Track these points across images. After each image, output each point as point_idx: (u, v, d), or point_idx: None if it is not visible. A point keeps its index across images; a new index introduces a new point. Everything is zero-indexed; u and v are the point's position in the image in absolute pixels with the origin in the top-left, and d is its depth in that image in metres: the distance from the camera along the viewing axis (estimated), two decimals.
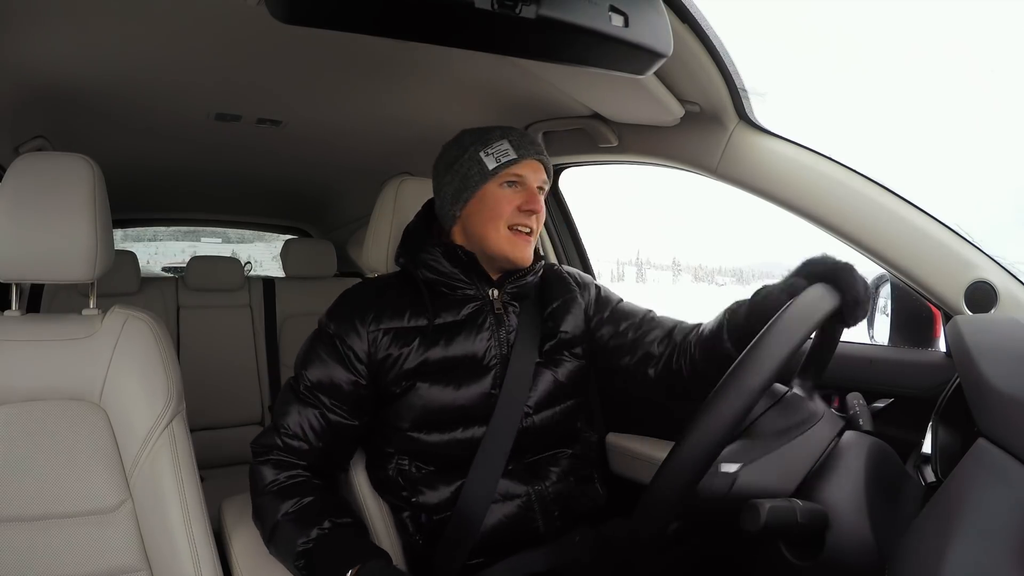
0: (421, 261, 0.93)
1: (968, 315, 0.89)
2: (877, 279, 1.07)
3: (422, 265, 0.93)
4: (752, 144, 1.04)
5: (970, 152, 66.14)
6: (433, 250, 0.93)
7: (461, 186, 0.91)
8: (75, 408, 0.88)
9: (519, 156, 0.90)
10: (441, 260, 0.92)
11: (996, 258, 0.92)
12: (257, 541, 0.96)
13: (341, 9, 0.57)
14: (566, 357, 0.97)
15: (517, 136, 0.92)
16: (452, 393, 0.89)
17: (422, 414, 0.89)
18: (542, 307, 0.99)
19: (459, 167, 0.91)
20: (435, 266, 0.92)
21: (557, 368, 0.96)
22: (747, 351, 0.64)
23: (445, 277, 0.93)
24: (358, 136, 1.54)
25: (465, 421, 0.90)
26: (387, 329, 0.90)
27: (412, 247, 0.96)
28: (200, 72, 1.12)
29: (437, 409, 0.89)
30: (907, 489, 0.68)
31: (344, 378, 0.90)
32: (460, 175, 0.91)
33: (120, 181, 1.44)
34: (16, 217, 0.85)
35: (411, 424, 0.90)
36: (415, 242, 0.96)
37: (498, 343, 0.93)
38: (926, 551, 0.52)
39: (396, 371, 0.89)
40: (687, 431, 0.63)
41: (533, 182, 0.92)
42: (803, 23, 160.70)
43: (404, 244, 0.98)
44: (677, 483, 0.62)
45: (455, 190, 0.92)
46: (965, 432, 0.67)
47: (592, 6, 0.60)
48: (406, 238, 0.99)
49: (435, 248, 0.93)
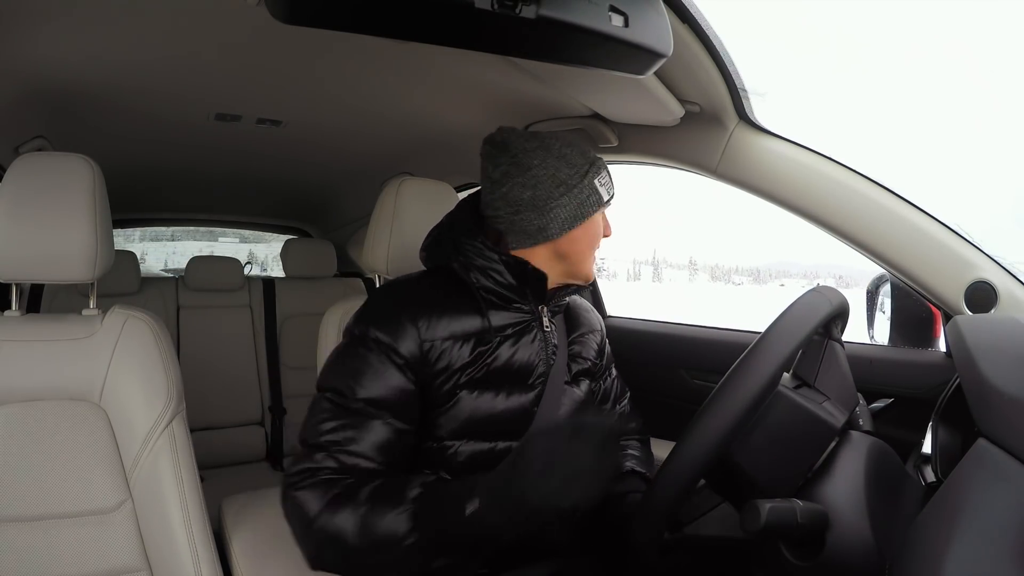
0: (476, 266, 0.87)
1: (968, 315, 0.89)
2: (877, 279, 1.07)
3: (476, 270, 0.87)
4: (752, 144, 1.04)
5: (969, 152, 66.21)
6: (490, 257, 0.87)
7: (578, 212, 0.87)
8: (75, 408, 0.88)
9: (614, 191, 0.92)
10: (504, 273, 0.87)
11: (996, 258, 0.92)
12: (257, 541, 0.96)
13: (341, 9, 0.57)
14: (583, 379, 0.98)
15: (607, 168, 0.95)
16: (501, 402, 0.86)
17: (465, 423, 0.85)
18: (568, 330, 1.00)
19: (578, 192, 0.87)
20: (495, 277, 0.87)
21: (578, 387, 0.96)
22: (748, 351, 0.64)
23: (503, 289, 0.88)
24: (358, 136, 1.54)
25: (503, 434, 0.86)
26: (441, 334, 0.85)
27: (460, 248, 0.89)
28: (200, 72, 1.12)
29: (481, 419, 0.85)
30: (907, 489, 0.68)
31: (402, 385, 0.82)
32: (578, 200, 0.87)
33: (120, 181, 1.45)
34: (16, 217, 0.85)
35: (449, 433, 0.85)
36: (463, 244, 0.89)
37: (543, 359, 0.91)
38: (926, 551, 0.52)
39: (446, 377, 0.84)
40: (686, 433, 0.64)
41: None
42: (803, 23, 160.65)
43: (446, 243, 0.91)
44: (676, 486, 0.62)
45: (570, 214, 0.87)
46: (965, 432, 0.67)
47: (592, 6, 0.60)
48: (446, 236, 0.92)
49: (493, 256, 0.87)
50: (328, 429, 0.79)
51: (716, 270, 15.49)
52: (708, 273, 16.73)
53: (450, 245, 0.90)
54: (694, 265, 16.43)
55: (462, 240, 0.89)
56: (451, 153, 1.56)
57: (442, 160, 1.61)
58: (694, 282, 15.54)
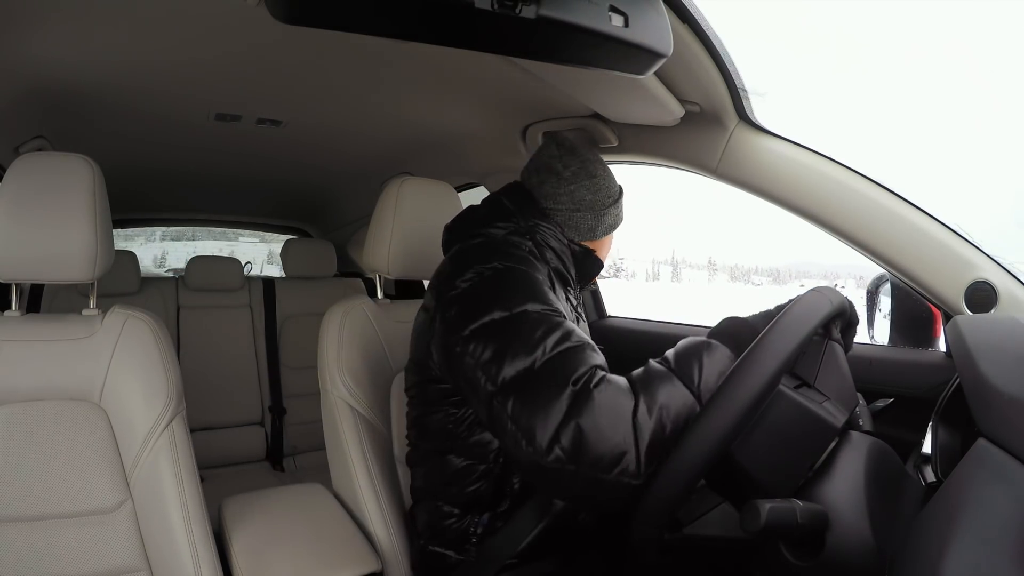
0: (552, 247, 0.96)
1: (968, 315, 0.89)
2: (877, 279, 1.07)
3: (551, 251, 0.95)
4: (752, 144, 1.04)
5: (969, 152, 66.29)
6: (563, 242, 0.96)
7: (614, 222, 1.01)
8: (75, 408, 0.88)
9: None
10: (570, 260, 0.97)
11: (996, 258, 0.92)
12: (257, 541, 0.96)
13: (341, 9, 0.57)
14: None
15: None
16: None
17: None
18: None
19: (617, 207, 1.00)
20: (564, 260, 0.97)
21: None
22: (748, 351, 0.63)
23: (566, 272, 0.97)
24: (358, 136, 1.54)
25: None
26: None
27: (536, 229, 0.95)
28: (200, 72, 1.12)
29: None
30: (907, 489, 0.68)
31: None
32: (616, 212, 1.01)
33: (120, 181, 1.45)
34: (16, 217, 0.85)
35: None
36: (540, 226, 0.95)
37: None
38: (926, 551, 0.52)
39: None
40: (686, 433, 0.63)
41: None
42: (803, 23, 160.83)
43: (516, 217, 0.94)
44: (676, 486, 0.62)
45: (611, 222, 1.00)
46: (965, 432, 0.67)
47: (592, 6, 0.60)
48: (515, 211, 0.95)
49: (565, 242, 0.97)
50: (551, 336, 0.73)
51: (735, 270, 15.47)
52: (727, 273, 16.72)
53: (523, 221, 0.95)
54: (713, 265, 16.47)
55: (538, 223, 0.95)
56: (451, 153, 1.56)
57: (442, 160, 1.61)
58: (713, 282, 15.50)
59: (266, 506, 1.07)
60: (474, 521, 0.89)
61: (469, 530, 0.89)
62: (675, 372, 0.70)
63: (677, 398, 0.67)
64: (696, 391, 0.68)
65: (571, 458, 0.65)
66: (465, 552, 0.89)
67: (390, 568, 1.00)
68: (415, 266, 1.16)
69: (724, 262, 16.83)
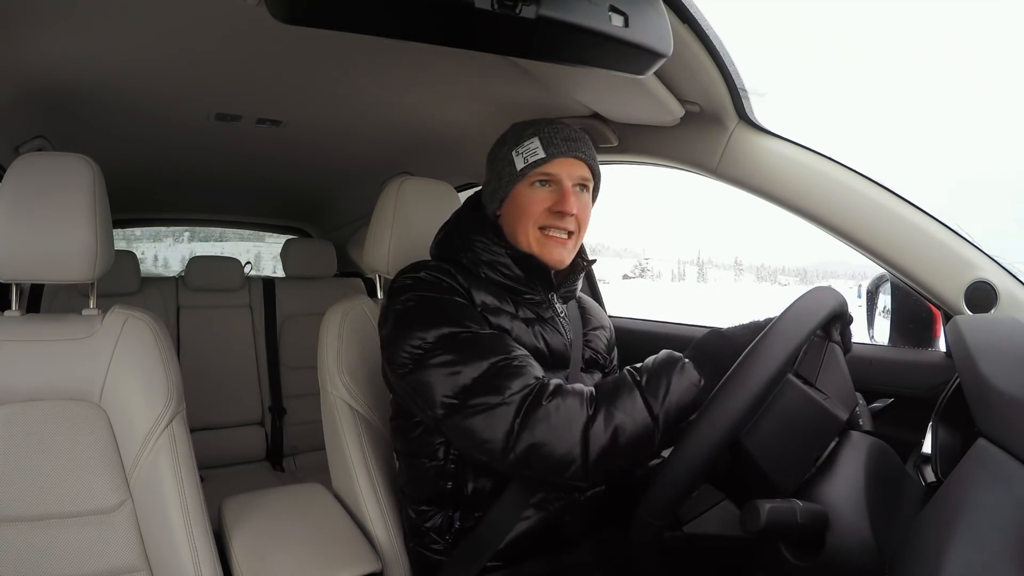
0: (484, 261, 0.89)
1: (968, 315, 0.89)
2: (877, 279, 1.07)
3: (485, 265, 0.89)
4: (752, 144, 1.04)
5: (970, 152, 66.24)
6: (497, 251, 0.89)
7: (496, 186, 0.90)
8: (75, 408, 0.88)
9: (548, 155, 0.86)
10: (512, 266, 0.89)
11: (996, 258, 0.92)
12: (257, 541, 0.96)
13: (341, 9, 0.57)
14: (594, 370, 1.00)
15: (550, 132, 0.88)
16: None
17: None
18: (583, 322, 1.02)
19: (495, 166, 0.91)
20: (503, 271, 0.89)
21: (590, 376, 0.98)
22: (748, 351, 0.64)
23: (511, 281, 0.89)
24: (358, 136, 1.54)
25: None
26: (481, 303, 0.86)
27: (469, 244, 0.90)
28: (200, 72, 1.12)
29: None
30: (907, 489, 0.68)
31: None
32: (496, 175, 0.90)
33: (120, 181, 1.44)
34: (16, 217, 0.85)
35: None
36: (472, 240, 0.90)
37: (563, 343, 0.93)
38: (926, 551, 0.52)
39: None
40: (686, 433, 0.63)
41: (567, 180, 0.88)
42: (803, 23, 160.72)
43: (454, 239, 0.92)
44: (676, 486, 0.62)
45: (492, 190, 0.91)
46: (965, 432, 0.67)
47: (592, 6, 0.60)
48: (455, 231, 0.93)
49: (500, 250, 0.89)
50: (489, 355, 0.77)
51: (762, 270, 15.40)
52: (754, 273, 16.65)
53: (458, 241, 0.91)
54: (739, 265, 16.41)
55: (470, 236, 0.90)
56: (451, 153, 1.56)
57: (442, 160, 1.61)
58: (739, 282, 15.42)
59: (266, 506, 1.07)
60: (447, 517, 0.89)
61: (443, 527, 0.90)
62: (642, 389, 0.73)
63: (636, 418, 0.71)
64: (656, 412, 0.71)
65: (524, 463, 0.72)
66: (445, 552, 0.90)
67: (390, 568, 0.99)
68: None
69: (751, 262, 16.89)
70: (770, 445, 0.63)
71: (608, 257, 24.07)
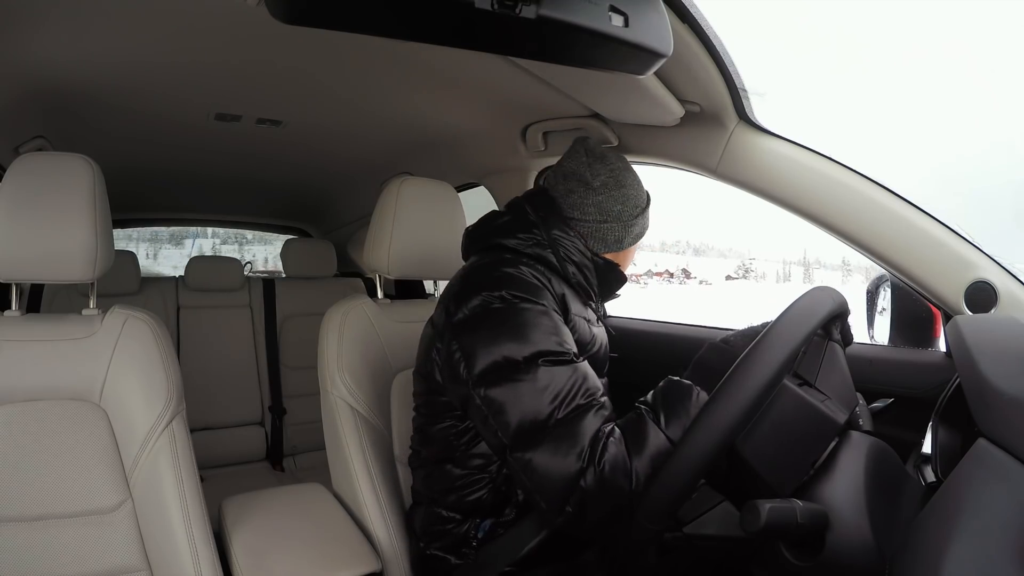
0: (574, 261, 0.92)
1: (968, 315, 0.89)
2: (877, 279, 1.07)
3: (574, 265, 0.92)
4: (752, 144, 1.04)
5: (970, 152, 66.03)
6: (586, 255, 0.93)
7: (640, 232, 0.99)
8: (75, 408, 0.88)
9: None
10: (593, 273, 0.94)
11: (996, 258, 0.92)
12: (257, 541, 0.96)
13: (341, 9, 0.57)
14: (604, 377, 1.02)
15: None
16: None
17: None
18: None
19: (644, 218, 0.98)
20: (587, 275, 0.93)
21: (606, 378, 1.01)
22: (748, 351, 0.63)
23: (589, 286, 0.94)
24: (358, 136, 1.54)
25: None
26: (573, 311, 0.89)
27: (558, 242, 0.92)
28: (200, 72, 1.12)
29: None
30: (907, 489, 0.68)
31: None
32: (643, 223, 0.98)
33: (121, 181, 1.45)
34: (16, 217, 0.85)
35: None
36: (561, 239, 0.92)
37: (605, 348, 0.99)
38: (926, 551, 0.52)
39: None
40: (686, 433, 0.63)
41: None
42: (803, 23, 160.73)
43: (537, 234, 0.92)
44: (675, 486, 0.62)
45: (638, 233, 0.98)
46: (965, 432, 0.67)
47: (592, 6, 0.60)
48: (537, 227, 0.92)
49: (588, 255, 0.93)
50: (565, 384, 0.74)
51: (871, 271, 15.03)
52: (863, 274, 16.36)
53: (544, 237, 0.92)
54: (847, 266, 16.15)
55: (560, 235, 0.92)
56: (451, 153, 1.56)
57: (442, 160, 1.61)
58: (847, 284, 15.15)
59: (266, 506, 1.07)
60: (475, 525, 0.89)
61: (469, 535, 0.89)
62: (665, 431, 0.72)
63: (665, 457, 0.69)
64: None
65: (578, 517, 0.71)
66: (464, 556, 0.89)
67: (390, 568, 1.00)
68: (415, 266, 1.16)
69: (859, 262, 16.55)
70: (765, 450, 0.62)
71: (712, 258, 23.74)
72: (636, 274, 36.48)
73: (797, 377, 0.67)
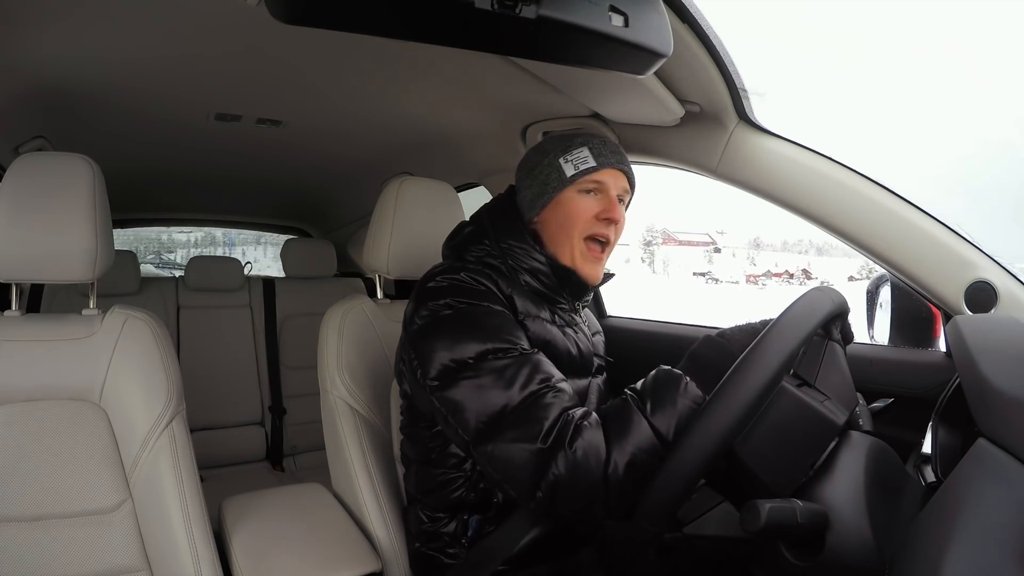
0: (526, 269, 0.89)
1: (968, 315, 0.89)
2: (877, 279, 1.07)
3: (526, 272, 0.89)
4: (752, 144, 1.04)
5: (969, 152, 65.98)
6: (539, 259, 0.89)
7: (540, 191, 0.90)
8: (75, 408, 0.88)
9: (598, 164, 0.88)
10: (551, 275, 0.89)
11: (996, 258, 0.92)
12: (257, 541, 0.96)
13: (341, 9, 0.57)
14: (600, 374, 1.00)
15: (599, 144, 0.90)
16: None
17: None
18: (589, 329, 1.03)
19: (537, 173, 0.91)
20: (543, 279, 0.89)
21: (599, 380, 0.99)
22: (748, 351, 0.63)
23: (548, 290, 0.90)
24: (358, 136, 1.54)
25: None
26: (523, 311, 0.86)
27: (509, 251, 0.89)
28: (200, 72, 1.12)
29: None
30: (907, 489, 0.68)
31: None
32: (538, 180, 0.90)
33: (120, 181, 1.45)
34: (16, 217, 0.85)
35: None
36: (513, 247, 0.89)
37: (586, 350, 0.95)
38: (926, 551, 0.52)
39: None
40: (686, 433, 0.63)
41: (613, 190, 0.90)
42: (803, 23, 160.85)
43: (488, 242, 0.91)
44: (675, 486, 0.62)
45: (534, 195, 0.91)
46: (965, 432, 0.67)
47: (592, 6, 0.60)
48: (488, 235, 0.91)
49: (541, 259, 0.89)
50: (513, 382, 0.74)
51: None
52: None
53: (494, 246, 0.90)
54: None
55: (508, 241, 0.90)
56: (451, 153, 1.56)
57: (442, 160, 1.61)
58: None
59: (266, 506, 1.07)
60: (463, 523, 0.89)
61: (457, 533, 0.89)
62: (648, 417, 0.71)
63: (648, 449, 0.69)
64: (667, 440, 0.70)
65: (550, 503, 0.71)
66: (454, 556, 0.90)
67: (390, 568, 1.00)
68: (415, 266, 1.16)
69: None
70: (764, 452, 0.62)
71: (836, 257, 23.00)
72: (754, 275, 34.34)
73: (797, 377, 0.67)
